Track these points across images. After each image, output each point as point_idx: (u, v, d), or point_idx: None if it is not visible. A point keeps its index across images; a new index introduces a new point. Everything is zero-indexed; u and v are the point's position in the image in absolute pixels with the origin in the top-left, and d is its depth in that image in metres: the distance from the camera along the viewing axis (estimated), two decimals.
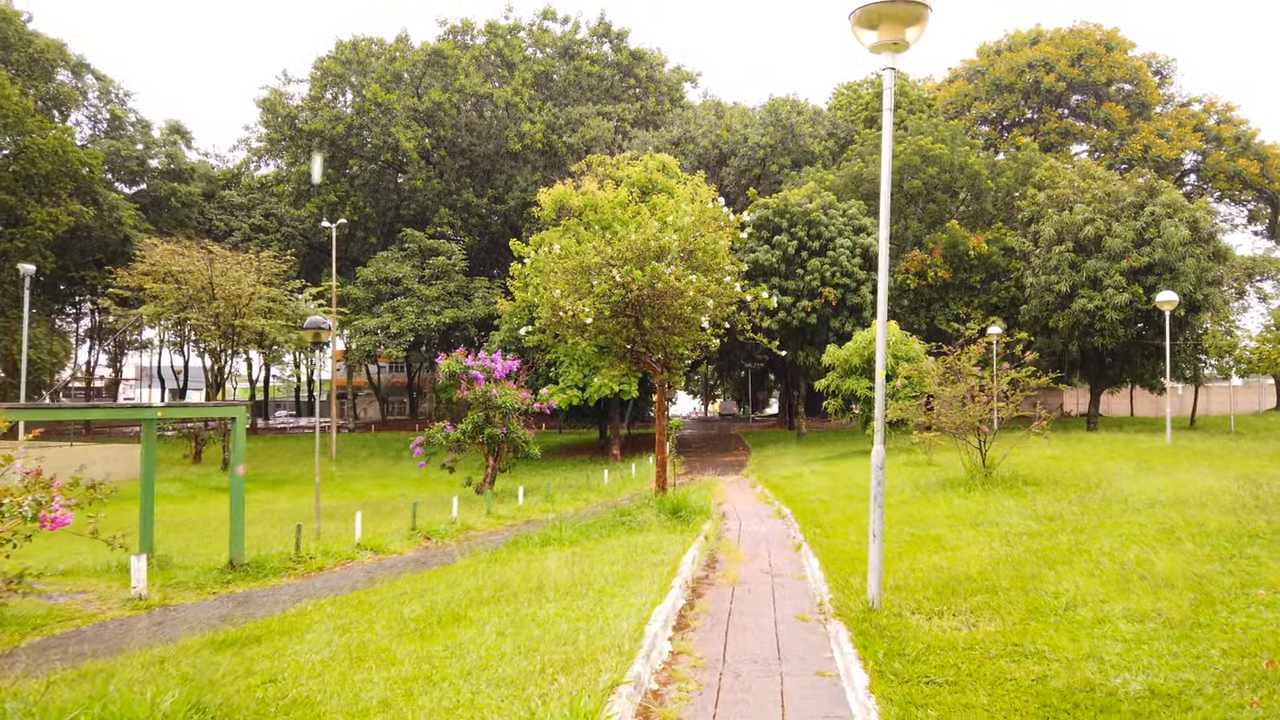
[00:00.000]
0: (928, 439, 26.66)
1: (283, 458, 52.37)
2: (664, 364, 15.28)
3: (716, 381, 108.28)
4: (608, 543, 13.20)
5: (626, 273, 13.51)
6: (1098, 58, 54.69)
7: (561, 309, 14.20)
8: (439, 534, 20.06)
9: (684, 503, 15.08)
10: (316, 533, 20.72)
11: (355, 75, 60.86)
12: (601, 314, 13.91)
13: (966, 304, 45.76)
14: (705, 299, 13.80)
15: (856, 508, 16.48)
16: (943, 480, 19.07)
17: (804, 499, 19.32)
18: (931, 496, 17.08)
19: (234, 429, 15.87)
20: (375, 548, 18.20)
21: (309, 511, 29.35)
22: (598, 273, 13.96)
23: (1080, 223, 40.55)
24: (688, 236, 14.66)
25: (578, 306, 13.83)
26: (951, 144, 47.08)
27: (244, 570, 15.39)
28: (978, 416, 17.77)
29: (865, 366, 33.32)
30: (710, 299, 13.88)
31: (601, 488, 29.33)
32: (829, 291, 41.38)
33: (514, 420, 27.81)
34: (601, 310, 13.81)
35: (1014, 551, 10.52)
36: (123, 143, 55.64)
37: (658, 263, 13.73)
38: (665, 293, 13.77)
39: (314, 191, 60.87)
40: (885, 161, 7.49)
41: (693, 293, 13.67)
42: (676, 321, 14.31)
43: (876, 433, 7.78)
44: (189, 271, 37.24)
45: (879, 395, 7.77)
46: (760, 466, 34.24)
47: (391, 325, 50.52)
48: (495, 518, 23.01)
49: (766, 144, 56.69)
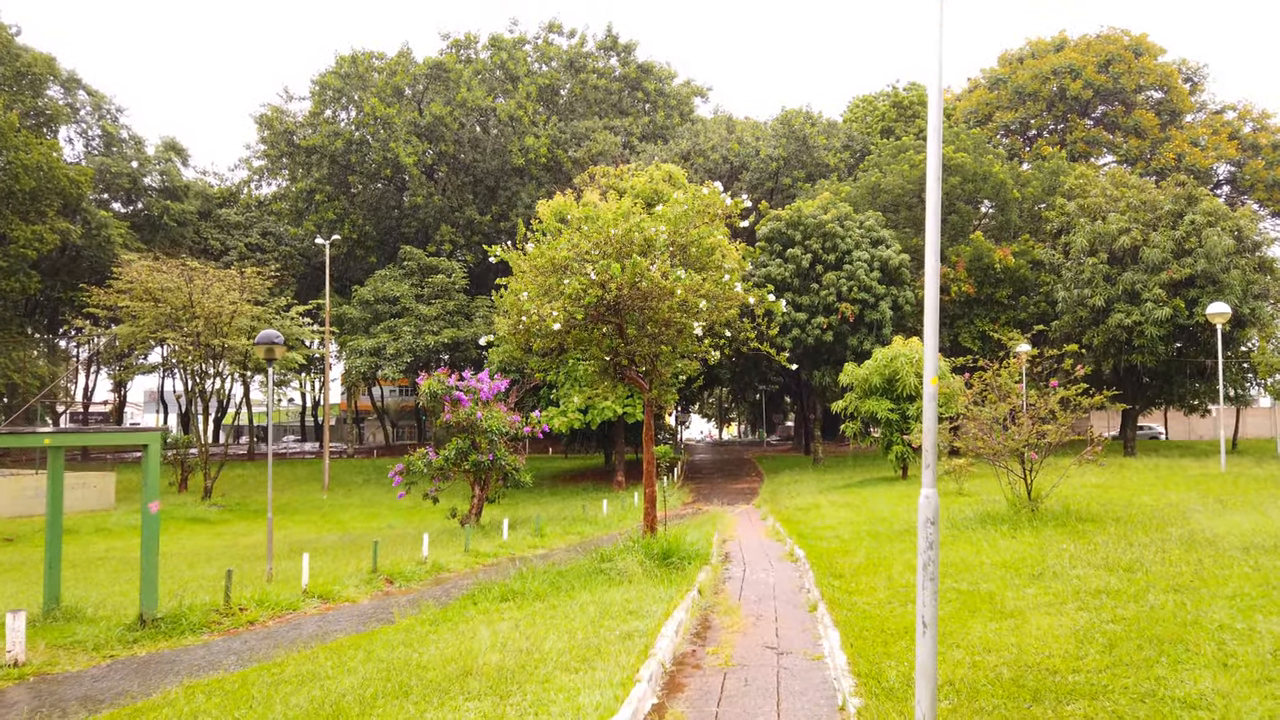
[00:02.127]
0: (958, 466, 24.11)
1: (274, 484, 50.10)
2: (651, 379, 12.88)
3: (731, 405, 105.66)
4: (578, 598, 10.73)
5: (603, 268, 11.14)
6: (1126, 63, 52.21)
7: (524, 313, 11.86)
8: (404, 576, 17.62)
9: (676, 546, 12.58)
10: (268, 576, 18.27)
11: (355, 90, 59.16)
12: (574, 319, 11.52)
13: (992, 320, 43.08)
14: (697, 300, 11.39)
15: (884, 550, 13.92)
16: (981, 514, 16.47)
17: (820, 536, 16.75)
18: (971, 535, 14.50)
19: (146, 459, 13.51)
20: (325, 594, 15.75)
21: (283, 545, 27.00)
22: (569, 270, 11.63)
23: (1115, 233, 37.93)
24: (678, 227, 12.31)
25: (545, 310, 11.48)
26: (974, 153, 44.65)
27: (156, 626, 12.95)
28: (1023, 441, 15.19)
29: (886, 386, 30.75)
30: (704, 299, 11.46)
31: (599, 519, 26.82)
32: (846, 307, 38.87)
33: (501, 446, 25.39)
34: (574, 315, 11.42)
35: (1099, 622, 7.97)
36: (114, 160, 53.99)
37: (642, 257, 11.36)
38: (650, 293, 11.39)
39: (312, 209, 59.07)
40: (933, 129, 5.08)
41: (681, 292, 11.25)
42: (664, 328, 11.90)
43: (925, 471, 5.29)
44: (167, 289, 35.18)
45: (928, 421, 5.31)
46: (773, 496, 31.62)
47: (388, 346, 48.32)
48: (474, 556, 20.54)
49: (779, 156, 54.43)
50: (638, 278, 11.36)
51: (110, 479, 35.66)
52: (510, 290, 12.82)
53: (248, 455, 64.99)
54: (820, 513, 21.98)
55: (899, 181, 44.62)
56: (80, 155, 55.90)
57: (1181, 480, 23.51)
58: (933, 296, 5.26)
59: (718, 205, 12.58)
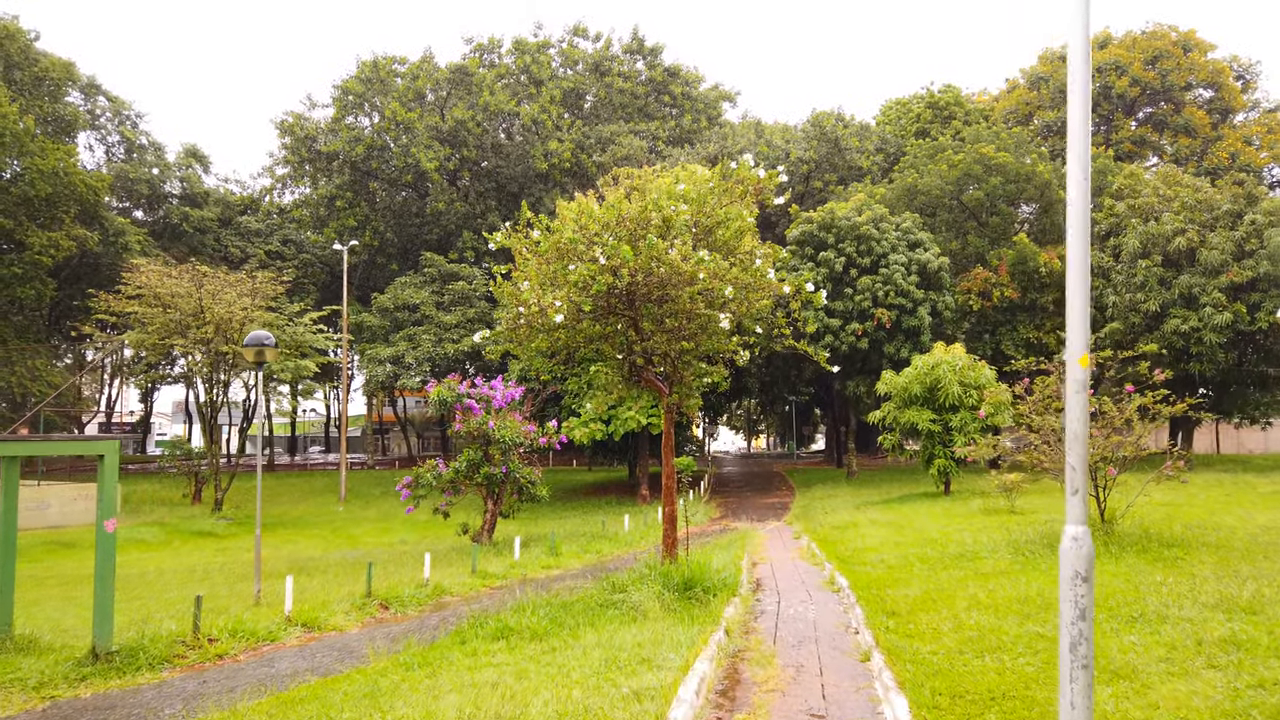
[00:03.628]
0: (1010, 481, 22.14)
1: (290, 496, 48.92)
2: (671, 381, 11.19)
3: (759, 416, 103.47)
4: (582, 639, 9.03)
5: (612, 249, 9.48)
6: (1175, 60, 49.88)
7: (523, 304, 10.23)
8: (401, 601, 16.01)
9: (699, 575, 10.85)
10: (255, 598, 16.74)
11: (377, 95, 58.18)
12: (580, 310, 9.86)
13: (1037, 327, 40.89)
14: (723, 287, 9.67)
15: (939, 580, 12.09)
16: (1046, 537, 14.57)
17: (863, 560, 14.92)
18: (1041, 562, 12.63)
19: (101, 470, 12.04)
20: (310, 622, 14.17)
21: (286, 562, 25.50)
22: (575, 254, 9.99)
23: (1169, 234, 35.69)
24: (703, 206, 10.65)
25: (545, 301, 9.84)
26: (1016, 152, 42.57)
27: (110, 660, 11.43)
28: (1100, 453, 13.29)
29: (927, 396, 28.79)
30: (730, 286, 9.74)
31: (619, 536, 25.10)
32: (882, 313, 36.91)
33: (515, 457, 23.77)
34: (580, 305, 9.76)
35: (1244, 687, 6.14)
36: (134, 166, 53.33)
37: (660, 239, 9.69)
38: (668, 279, 9.70)
39: (334, 216, 58.08)
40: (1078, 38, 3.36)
41: (704, 276, 9.53)
42: (685, 321, 10.20)
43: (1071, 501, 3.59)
44: (177, 295, 34.03)
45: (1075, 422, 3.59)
46: (806, 512, 29.71)
47: (407, 354, 47.00)
48: (481, 577, 18.91)
49: (810, 159, 52.58)
50: (654, 262, 9.69)
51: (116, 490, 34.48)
52: (510, 280, 11.20)
53: (269, 466, 63.99)
54: (859, 532, 20.10)
55: (937, 182, 42.64)
56: (101, 162, 55.41)
57: (1255, 498, 21.39)
58: (1080, 239, 3.54)
59: (749, 180, 10.88)
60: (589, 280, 9.72)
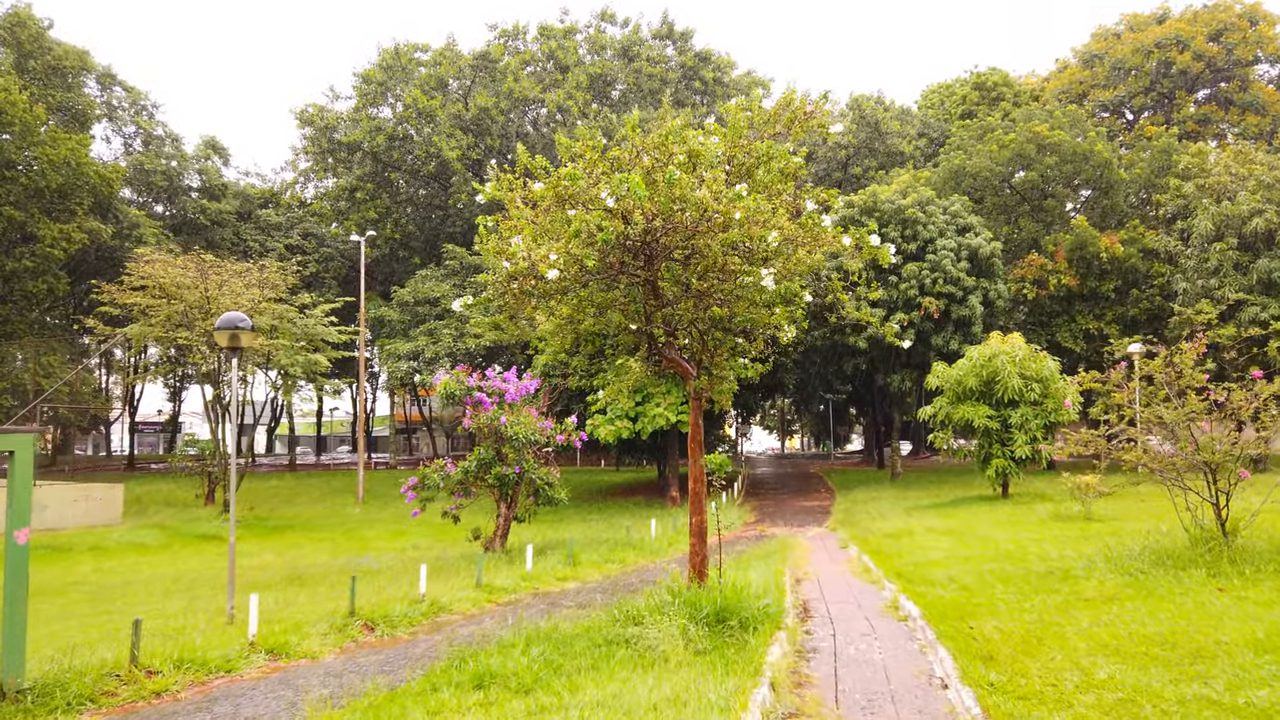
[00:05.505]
0: (1085, 484, 19.63)
1: (309, 496, 47.26)
2: (699, 360, 8.97)
3: (794, 416, 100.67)
4: (582, 694, 6.83)
5: (620, 183, 7.25)
6: (1240, 33, 46.60)
7: (510, 258, 8.04)
8: (391, 620, 13.85)
9: (735, 601, 8.60)
10: (228, 616, 14.69)
11: (399, 84, 56.46)
12: (583, 269, 7.65)
13: (1097, 317, 38.02)
14: (765, 232, 7.40)
15: (1034, 605, 9.71)
16: (1152, 552, 12.10)
17: (929, 579, 12.57)
18: (1155, 584, 10.20)
19: (12, 470, 9.99)
20: (278, 648, 12.05)
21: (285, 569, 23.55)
22: (576, 197, 7.79)
23: (1245, 214, 32.76)
24: (738, 138, 8.44)
25: (538, 255, 7.63)
26: (1071, 130, 39.71)
27: (20, 700, 9.39)
28: (1230, 451, 10.82)
29: (984, 390, 26.25)
30: (775, 232, 7.45)
31: (645, 543, 22.85)
32: (929, 302, 34.28)
33: (530, 456, 21.61)
34: (583, 260, 7.56)
35: None
36: (149, 158, 52.00)
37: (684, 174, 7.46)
38: (695, 226, 7.47)
39: (354, 208, 56.44)
40: None
41: (740, 216, 7.23)
42: (717, 280, 7.94)
43: None
44: (182, 285, 32.36)
45: None
46: (849, 517, 27.27)
47: (426, 350, 45.12)
48: (487, 591, 16.74)
49: (849, 144, 50.03)
50: (676, 203, 7.46)
51: (118, 491, 32.90)
52: (497, 233, 9.01)
53: (289, 466, 62.61)
54: (916, 541, 17.71)
55: (986, 164, 39.89)
56: (118, 154, 54.17)
57: None
58: None
59: (795, 110, 8.62)
60: (593, 229, 7.51)
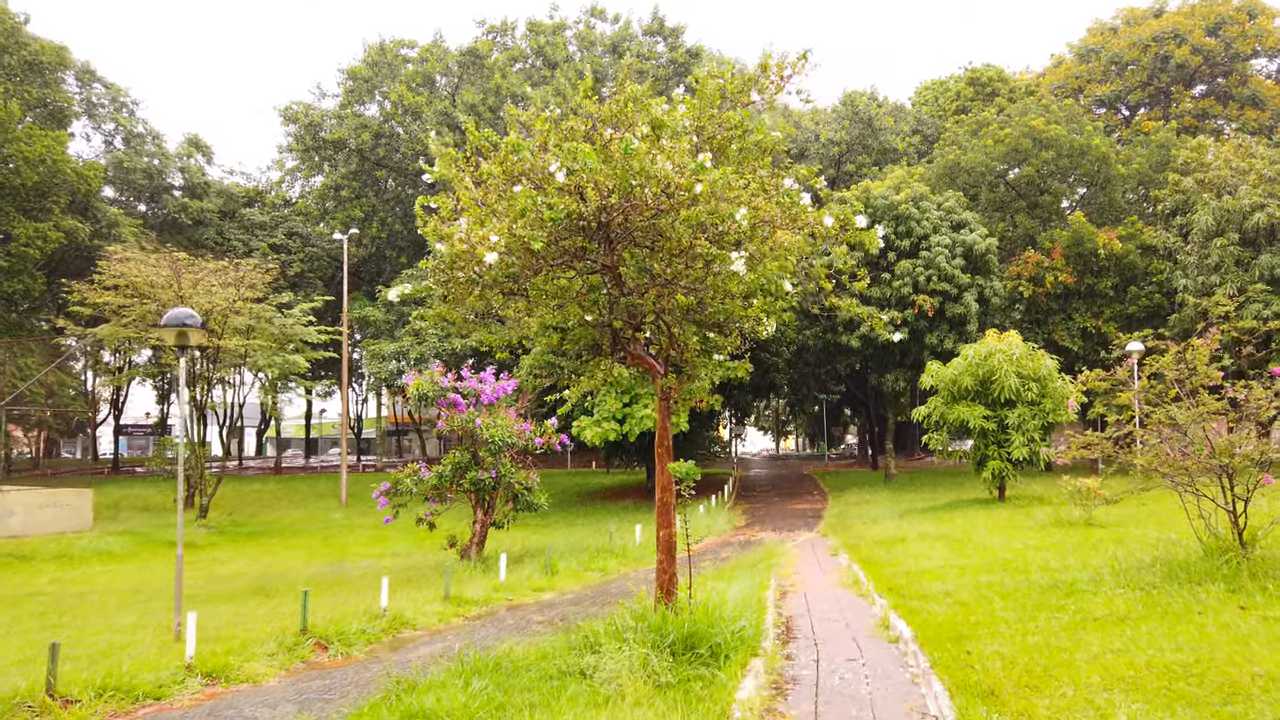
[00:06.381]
0: (1086, 489, 18.74)
1: (292, 500, 46.29)
2: (669, 358, 8.07)
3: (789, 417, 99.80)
4: None
5: (569, 153, 6.35)
6: (1239, 26, 45.87)
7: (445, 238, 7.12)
8: (347, 638, 12.91)
9: (706, 625, 7.70)
10: (175, 632, 13.69)
11: (385, 80, 55.51)
12: (528, 249, 6.73)
13: (1095, 315, 37.17)
14: (733, 209, 6.48)
15: (1039, 624, 8.83)
16: (1165, 563, 11.21)
17: (924, 593, 11.67)
18: (1173, 602, 9.32)
19: None
20: (218, 671, 11.12)
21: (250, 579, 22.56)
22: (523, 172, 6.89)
23: (1247, 209, 31.98)
24: (710, 107, 7.55)
25: (478, 237, 6.73)
26: (1068, 124, 38.88)
27: None
28: (1250, 454, 9.93)
29: (980, 389, 25.39)
30: (744, 209, 6.52)
31: (628, 550, 21.98)
32: (923, 300, 33.43)
33: (507, 460, 20.69)
34: (528, 241, 6.65)
35: None
36: (129, 155, 50.95)
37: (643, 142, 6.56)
38: (657, 204, 6.56)
39: (340, 207, 55.47)
40: None
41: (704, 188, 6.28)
42: (683, 265, 7.04)
43: None
44: (155, 284, 31.38)
45: None
46: (842, 521, 26.38)
47: (411, 350, 44.17)
48: (456, 604, 15.84)
49: (842, 140, 49.14)
50: (635, 179, 6.56)
51: (87, 497, 31.88)
52: (437, 214, 8.06)
53: (275, 468, 61.57)
54: (910, 549, 16.81)
55: (981, 159, 39.07)
56: (99, 152, 53.12)
57: None
58: None
59: (773, 71, 7.72)
60: (538, 205, 6.60)
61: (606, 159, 6.64)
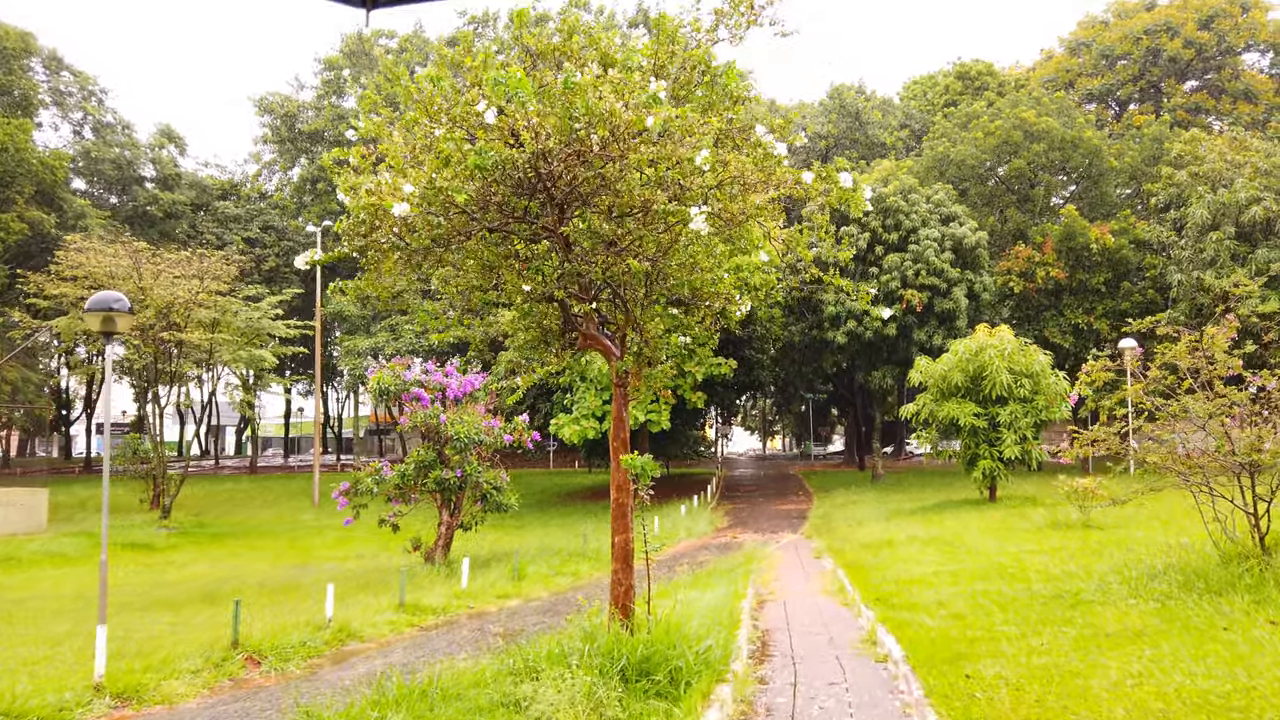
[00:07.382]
0: (1084, 489, 17.78)
1: (264, 500, 44.98)
2: (624, 336, 7.01)
3: (775, 416, 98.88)
4: None
5: (497, 86, 5.28)
6: (1232, 19, 45.15)
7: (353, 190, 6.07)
8: (283, 652, 11.78)
9: (664, 648, 6.61)
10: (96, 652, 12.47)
11: (363, 71, 54.24)
12: (451, 203, 5.66)
13: (1087, 311, 36.32)
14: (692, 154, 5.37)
15: (1043, 641, 7.80)
16: (1178, 570, 10.20)
17: (914, 603, 10.63)
18: (1193, 615, 8.31)
19: None
20: (131, 690, 10.01)
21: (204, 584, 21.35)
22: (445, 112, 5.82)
23: (1243, 202, 31.18)
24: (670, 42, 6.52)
25: (390, 185, 5.66)
26: (1060, 116, 38.04)
27: None
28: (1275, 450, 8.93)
29: (971, 386, 24.42)
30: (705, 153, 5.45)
31: (601, 554, 20.85)
32: (911, 294, 32.46)
33: (474, 458, 19.55)
34: (450, 194, 5.57)
35: None
36: (98, 145, 49.50)
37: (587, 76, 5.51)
38: (604, 149, 5.49)
39: (316, 200, 54.12)
40: None
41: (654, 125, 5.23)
42: (639, 222, 5.95)
43: None
44: (114, 275, 30.07)
45: None
46: (827, 523, 25.37)
47: (387, 346, 42.94)
48: (411, 612, 14.71)
49: (829, 134, 48.21)
50: (578, 120, 5.47)
51: (41, 496, 30.57)
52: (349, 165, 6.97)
53: (249, 468, 60.13)
54: (898, 554, 15.78)
55: (971, 152, 38.17)
56: (67, 142, 51.60)
57: None
58: None
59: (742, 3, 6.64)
60: (462, 150, 5.51)
61: (544, 96, 5.56)
